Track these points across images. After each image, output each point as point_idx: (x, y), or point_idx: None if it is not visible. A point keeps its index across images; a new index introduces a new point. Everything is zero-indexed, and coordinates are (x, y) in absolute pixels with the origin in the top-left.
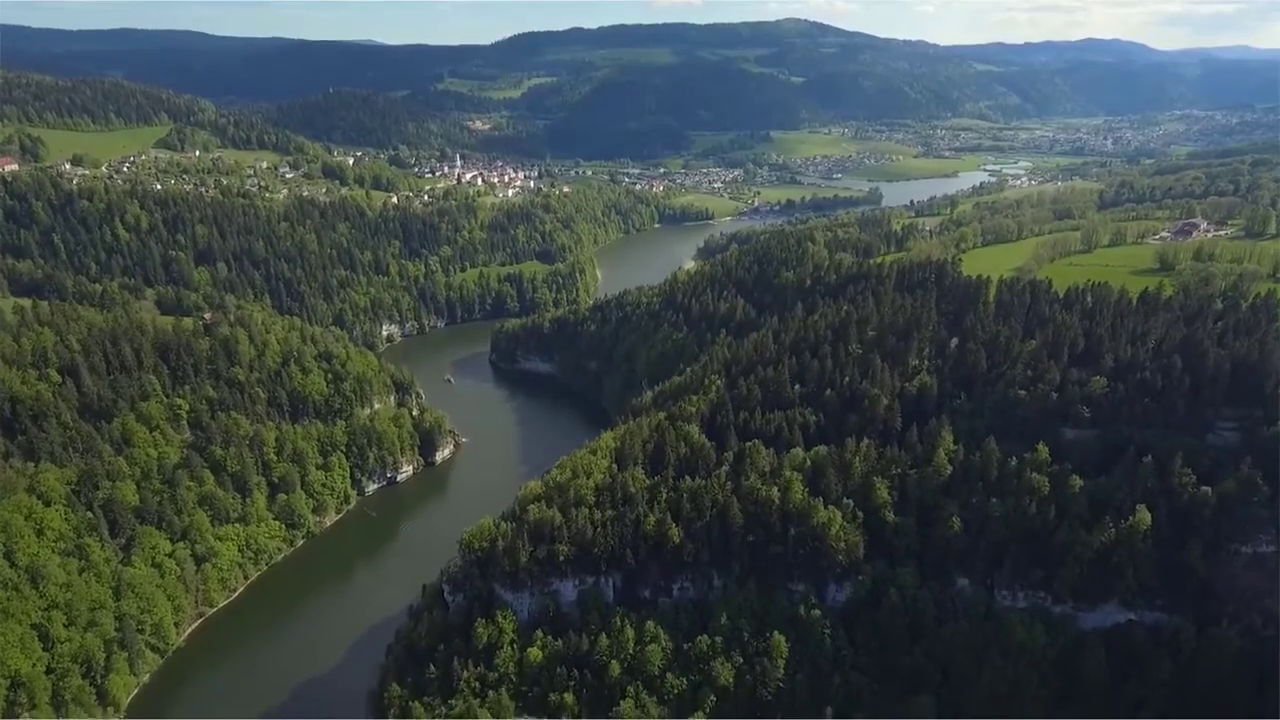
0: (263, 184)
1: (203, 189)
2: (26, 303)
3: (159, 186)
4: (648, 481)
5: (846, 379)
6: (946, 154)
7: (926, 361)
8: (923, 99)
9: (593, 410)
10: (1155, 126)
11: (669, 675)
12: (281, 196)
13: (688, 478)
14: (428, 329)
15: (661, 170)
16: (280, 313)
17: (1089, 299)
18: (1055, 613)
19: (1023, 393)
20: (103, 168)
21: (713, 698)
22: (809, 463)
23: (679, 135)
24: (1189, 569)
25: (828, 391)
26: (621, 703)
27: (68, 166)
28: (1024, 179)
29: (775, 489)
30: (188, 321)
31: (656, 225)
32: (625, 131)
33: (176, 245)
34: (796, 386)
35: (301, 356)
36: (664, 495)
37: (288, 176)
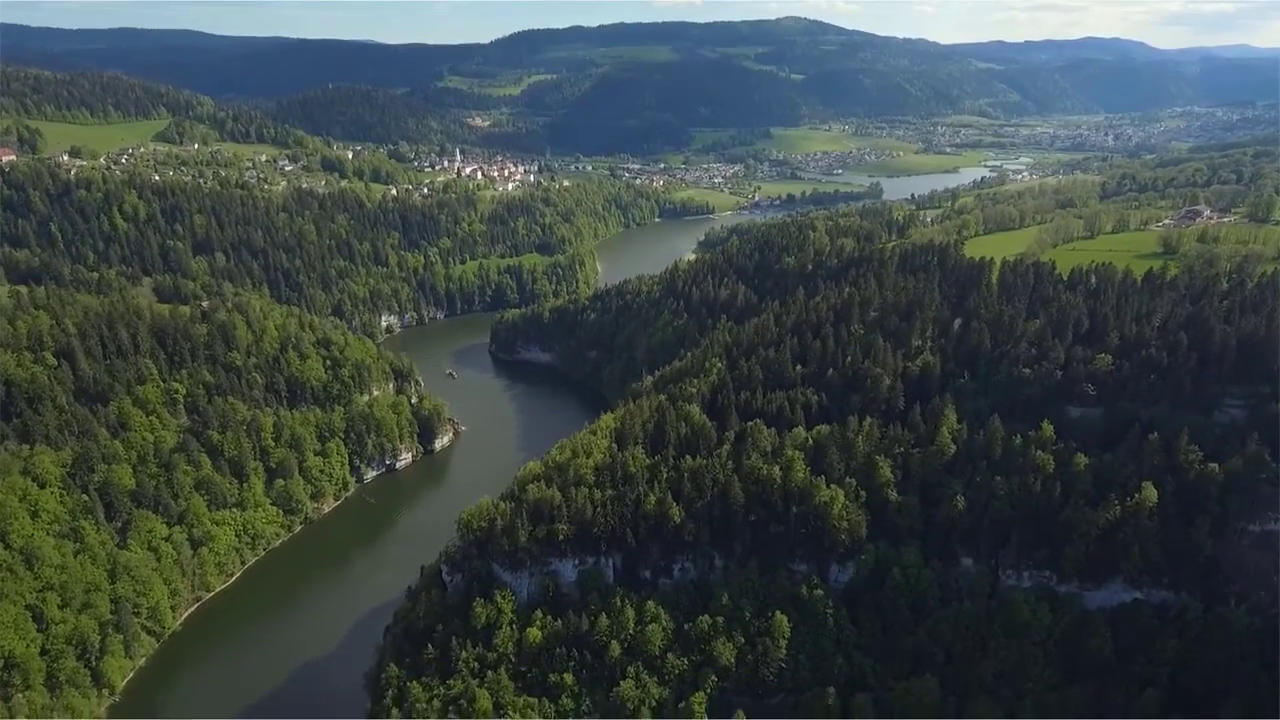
0: (261, 176)
1: (201, 180)
2: (23, 289)
3: (157, 177)
4: (648, 461)
5: (849, 359)
6: (947, 150)
7: (929, 341)
8: (923, 96)
9: (592, 399)
10: (1156, 123)
11: (670, 655)
12: (280, 188)
13: (688, 457)
14: (427, 320)
15: (662, 166)
16: (279, 302)
17: (1093, 279)
18: (1060, 592)
19: (1027, 371)
20: (101, 159)
21: (714, 678)
22: (811, 442)
23: (679, 132)
24: (1196, 547)
25: (830, 371)
26: (622, 683)
27: (65, 157)
28: (1025, 173)
29: (777, 468)
30: (185, 308)
31: (657, 219)
32: (625, 128)
33: (174, 235)
34: (798, 367)
35: (299, 342)
36: (664, 475)
37: (286, 169)
